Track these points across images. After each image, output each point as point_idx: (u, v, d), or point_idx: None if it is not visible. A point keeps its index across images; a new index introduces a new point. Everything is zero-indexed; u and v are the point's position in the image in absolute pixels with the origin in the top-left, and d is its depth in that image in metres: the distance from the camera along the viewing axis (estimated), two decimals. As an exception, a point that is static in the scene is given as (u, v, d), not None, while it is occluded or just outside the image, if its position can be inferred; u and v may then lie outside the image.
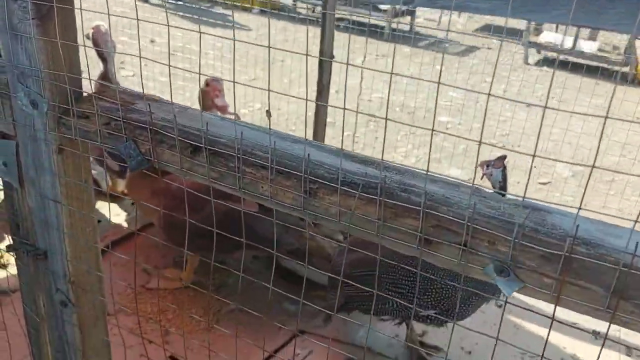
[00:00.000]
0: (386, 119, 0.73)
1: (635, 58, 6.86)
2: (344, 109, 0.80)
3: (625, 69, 7.14)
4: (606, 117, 0.64)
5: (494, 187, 1.97)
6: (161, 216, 2.19)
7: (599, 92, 6.14)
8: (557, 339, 2.28)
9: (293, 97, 0.77)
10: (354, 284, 1.11)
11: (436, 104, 0.79)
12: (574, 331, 2.34)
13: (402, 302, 1.87)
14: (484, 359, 2.15)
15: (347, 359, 2.09)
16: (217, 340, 2.14)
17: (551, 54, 7.52)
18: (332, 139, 4.23)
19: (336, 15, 2.87)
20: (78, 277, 1.14)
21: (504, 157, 1.94)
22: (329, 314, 2.18)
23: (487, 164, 1.94)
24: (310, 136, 3.22)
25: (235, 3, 7.01)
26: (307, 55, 0.79)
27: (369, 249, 2.02)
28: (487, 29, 8.59)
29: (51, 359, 1.27)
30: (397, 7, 6.76)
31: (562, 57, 7.44)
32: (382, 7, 7.79)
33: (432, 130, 0.71)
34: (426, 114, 5.59)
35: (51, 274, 1.16)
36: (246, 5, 7.70)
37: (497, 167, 1.93)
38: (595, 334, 2.31)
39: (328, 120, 3.31)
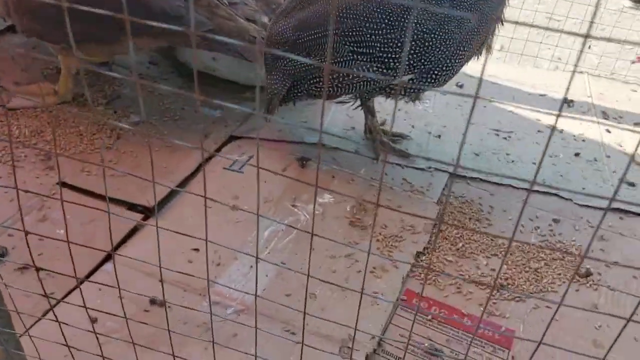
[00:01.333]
0: None
1: None
2: None
3: None
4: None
5: None
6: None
7: None
8: (529, 111, 1.99)
9: None
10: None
11: None
12: (546, 102, 2.06)
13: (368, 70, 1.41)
14: (455, 141, 1.81)
15: (299, 158, 1.65)
16: (122, 159, 1.59)
17: None
18: None
19: None
20: None
21: None
22: (268, 112, 1.69)
23: None
24: None
25: None
26: None
27: (317, 2, 1.50)
28: None
29: None
30: None
31: None
32: None
33: None
34: None
35: None
36: None
37: None
38: (568, 102, 2.05)
39: None
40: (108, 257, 1.28)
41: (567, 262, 1.44)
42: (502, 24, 1.60)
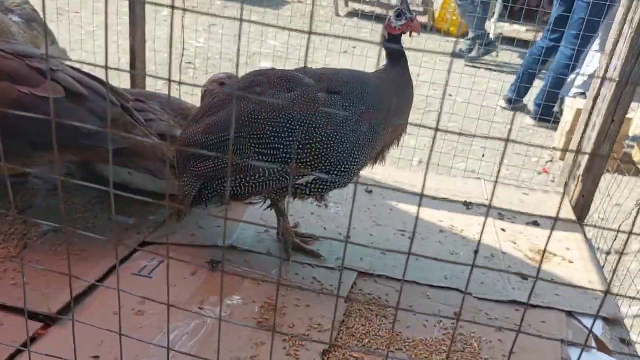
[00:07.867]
0: None
1: (432, 10, 7.34)
2: None
3: (425, 20, 7.58)
4: None
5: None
6: None
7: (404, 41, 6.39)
8: (432, 214, 2.14)
9: None
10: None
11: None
12: (447, 205, 2.21)
13: (275, 167, 1.52)
14: (364, 241, 1.90)
15: (209, 262, 1.68)
16: (27, 268, 1.57)
17: (359, 7, 7.69)
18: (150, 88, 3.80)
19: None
20: None
21: None
22: (180, 216, 1.75)
23: None
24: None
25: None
26: None
27: (224, 109, 1.62)
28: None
29: None
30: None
31: (368, 9, 7.66)
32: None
33: None
34: (248, 60, 5.34)
35: None
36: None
37: None
38: (467, 204, 2.22)
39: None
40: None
41: (467, 353, 1.50)
42: (398, 145, 1.77)
